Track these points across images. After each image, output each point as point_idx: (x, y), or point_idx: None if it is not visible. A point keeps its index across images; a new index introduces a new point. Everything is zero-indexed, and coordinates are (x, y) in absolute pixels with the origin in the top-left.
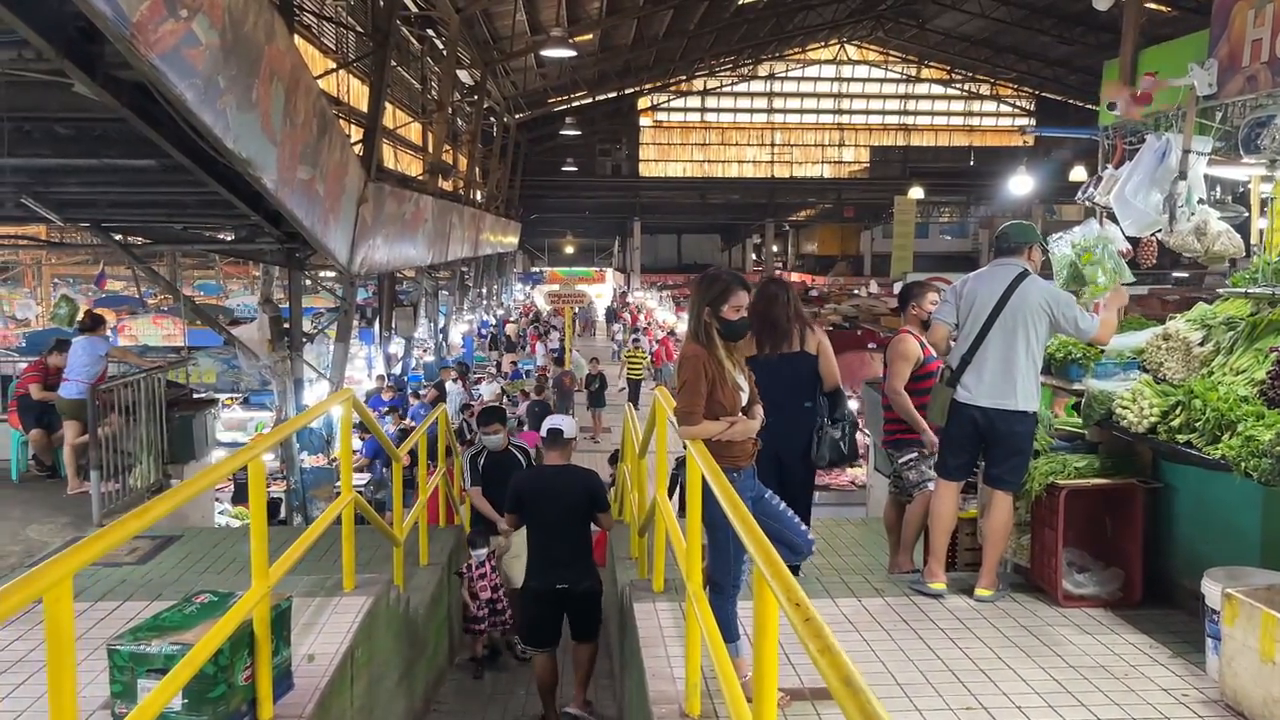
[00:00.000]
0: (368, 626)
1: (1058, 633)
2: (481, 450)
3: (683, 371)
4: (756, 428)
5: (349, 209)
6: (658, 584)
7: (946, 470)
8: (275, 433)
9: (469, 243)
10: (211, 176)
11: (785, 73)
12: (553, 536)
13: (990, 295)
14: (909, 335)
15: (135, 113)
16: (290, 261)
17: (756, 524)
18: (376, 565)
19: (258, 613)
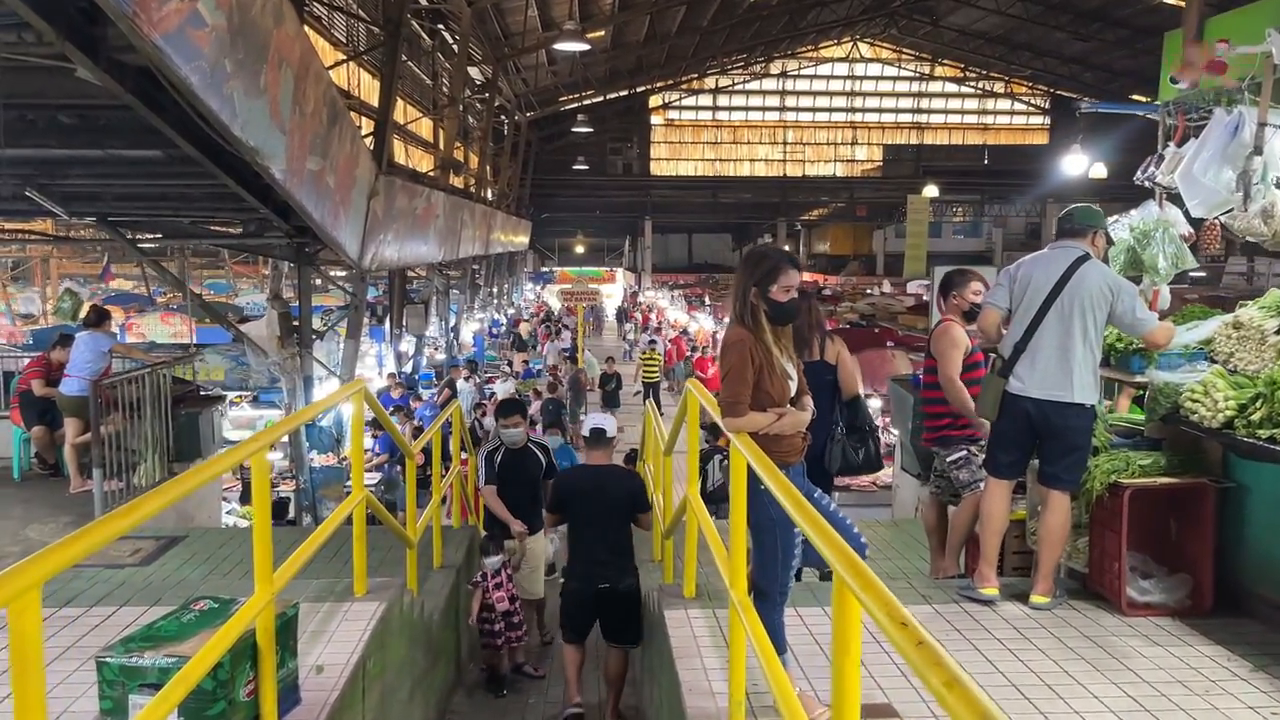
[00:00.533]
0: (380, 634)
1: (1125, 644)
2: (498, 446)
3: (727, 358)
4: (807, 419)
5: (360, 202)
6: (689, 589)
7: (997, 468)
8: (279, 426)
9: (480, 241)
10: (219, 168)
11: (797, 71)
12: (595, 536)
13: (1047, 279)
14: (953, 323)
15: (140, 100)
16: (299, 257)
17: (828, 525)
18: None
19: (261, 621)
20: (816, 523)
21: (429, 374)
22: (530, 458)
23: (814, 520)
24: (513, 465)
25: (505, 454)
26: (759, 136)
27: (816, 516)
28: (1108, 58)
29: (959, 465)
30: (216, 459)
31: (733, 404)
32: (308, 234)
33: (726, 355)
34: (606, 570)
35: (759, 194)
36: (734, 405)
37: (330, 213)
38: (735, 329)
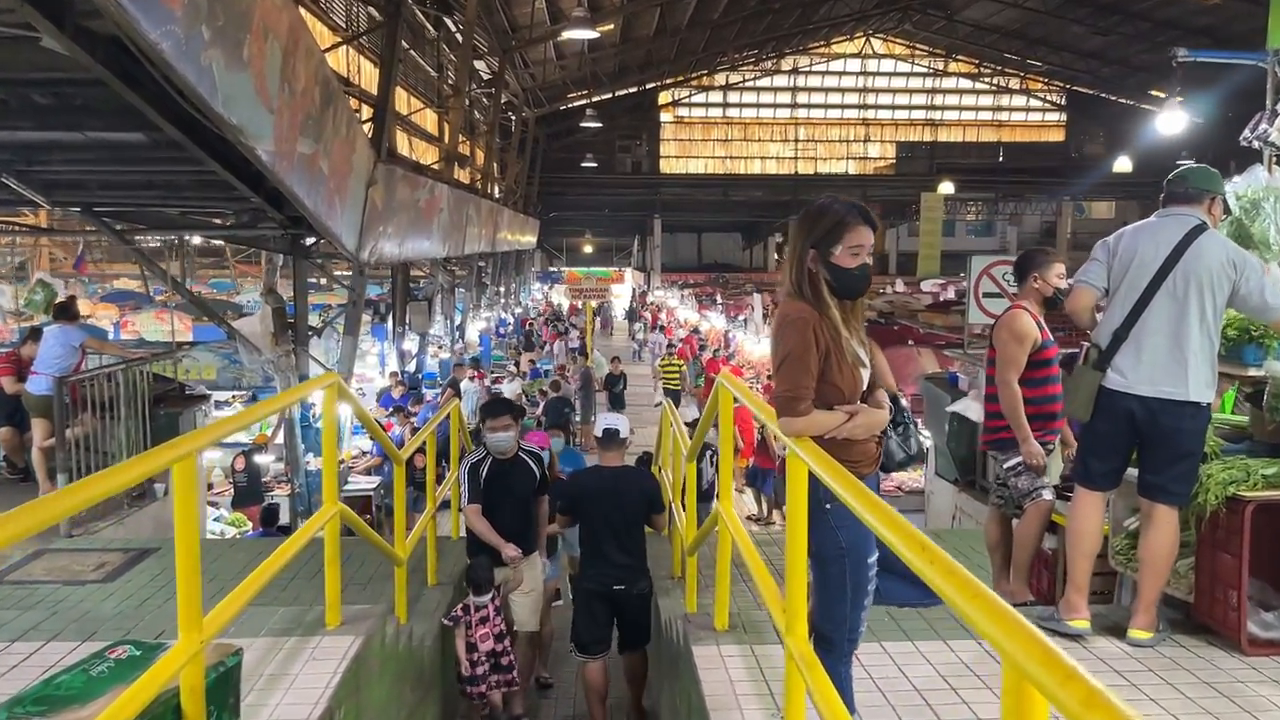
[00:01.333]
0: (354, 676)
1: (1254, 691)
2: (484, 457)
3: (783, 340)
4: (885, 420)
5: (357, 191)
6: (720, 620)
7: (1090, 477)
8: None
9: (486, 237)
10: (205, 152)
11: (809, 67)
12: (609, 538)
13: (1156, 252)
14: (1023, 311)
15: (114, 74)
16: (294, 249)
17: (946, 558)
18: (378, 586)
19: (186, 678)
20: (932, 555)
21: (432, 373)
22: (521, 469)
23: (928, 553)
24: (501, 479)
25: (492, 465)
26: (770, 134)
27: (931, 547)
28: (1126, 52)
29: (1017, 471)
30: (129, 463)
31: (792, 400)
32: (303, 225)
33: (782, 336)
34: (621, 573)
35: (770, 192)
36: (794, 402)
37: (324, 201)
38: (792, 302)
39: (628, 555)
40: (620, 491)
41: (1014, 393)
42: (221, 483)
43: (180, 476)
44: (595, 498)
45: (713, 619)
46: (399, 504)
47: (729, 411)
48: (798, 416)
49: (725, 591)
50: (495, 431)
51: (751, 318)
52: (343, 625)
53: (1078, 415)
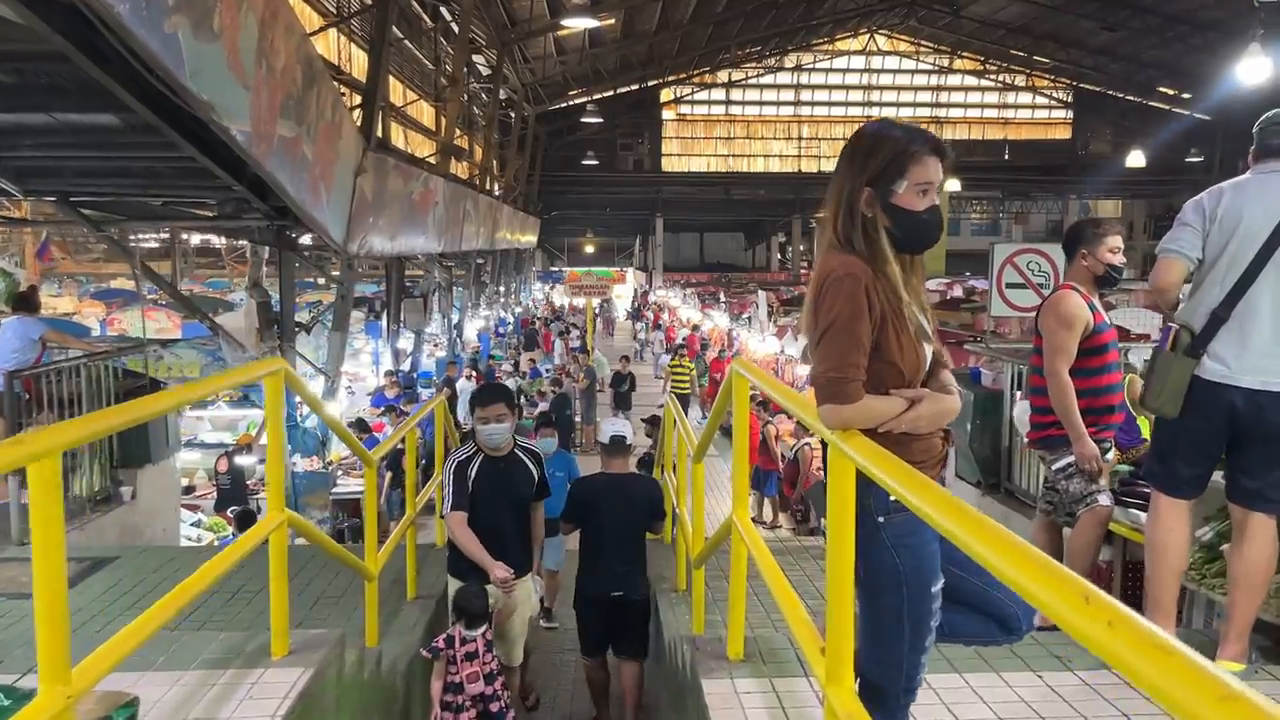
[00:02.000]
0: (301, 717)
1: None
2: (474, 454)
3: (827, 304)
4: (955, 407)
5: (344, 179)
6: (734, 647)
7: (1175, 483)
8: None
9: (485, 234)
10: (183, 136)
11: (813, 64)
12: (612, 545)
13: (1266, 216)
14: (1071, 292)
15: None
16: (280, 241)
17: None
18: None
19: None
20: (1108, 613)
21: (428, 372)
22: (518, 470)
23: (1098, 607)
24: (493, 480)
25: (483, 464)
26: (773, 132)
27: (1094, 595)
28: (1135, 48)
29: (1068, 474)
30: None
31: (839, 382)
32: (289, 216)
33: (825, 299)
34: (621, 580)
35: (773, 190)
36: (841, 384)
37: (309, 188)
38: (838, 256)
39: (628, 562)
40: (625, 498)
41: (1065, 384)
42: (205, 485)
43: (37, 481)
44: (601, 504)
45: (725, 645)
46: (369, 512)
47: (745, 404)
48: (845, 403)
49: (740, 616)
50: (487, 422)
51: (755, 315)
52: (290, 655)
53: (1164, 411)
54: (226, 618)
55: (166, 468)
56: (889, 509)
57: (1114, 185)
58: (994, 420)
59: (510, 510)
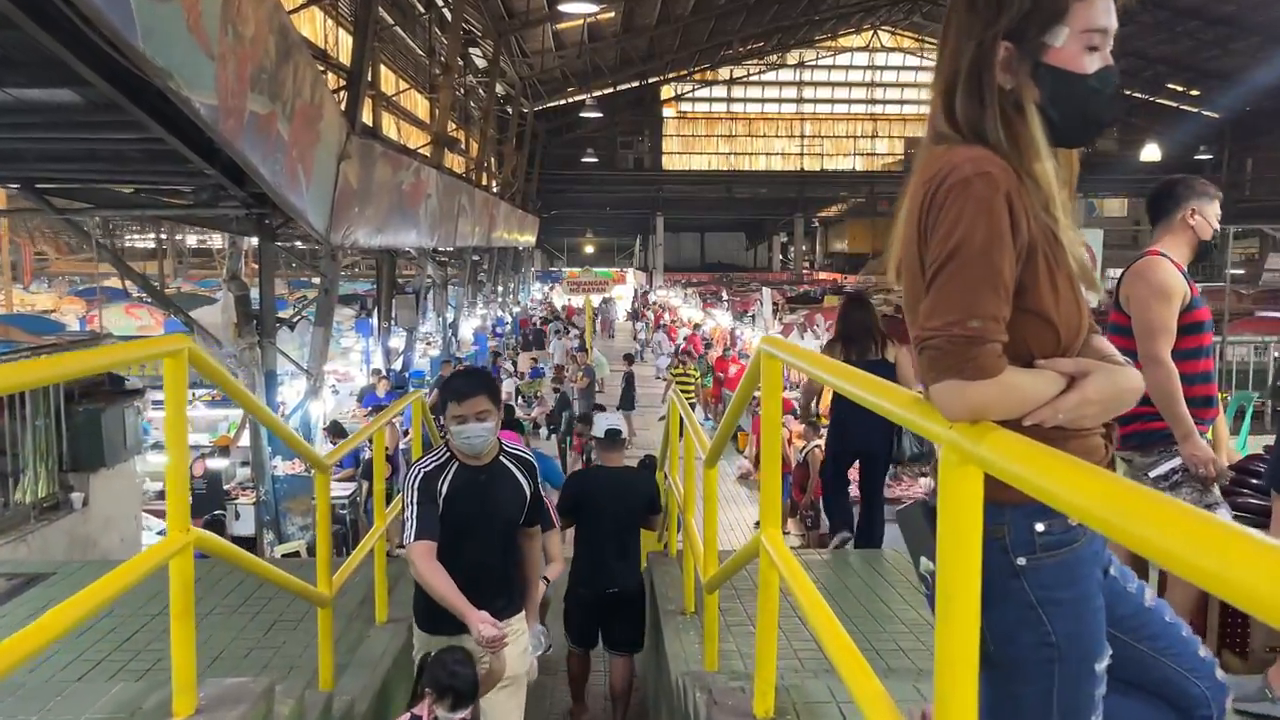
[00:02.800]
0: None
1: None
2: (446, 462)
3: (946, 219)
4: (1138, 386)
5: (326, 164)
6: (762, 704)
7: None
8: None
9: (481, 231)
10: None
11: (815, 61)
12: (607, 540)
13: None
14: (1163, 258)
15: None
16: (260, 230)
17: None
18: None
19: None
20: None
21: (420, 371)
22: (504, 483)
23: None
24: (471, 498)
25: (458, 476)
26: (775, 129)
27: None
28: (1143, 43)
29: (1174, 482)
30: None
31: (967, 344)
32: (267, 204)
33: (947, 212)
34: (615, 575)
35: (775, 189)
36: (970, 349)
37: (285, 171)
38: (962, 149)
39: (623, 558)
40: (622, 493)
41: (1168, 371)
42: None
43: None
44: (597, 499)
45: (750, 699)
46: (321, 525)
47: (777, 391)
48: (977, 377)
49: (770, 663)
50: (465, 421)
51: (759, 313)
52: (199, 713)
53: None
54: (149, 659)
55: (124, 471)
56: (1035, 546)
57: (1120, 183)
58: None
59: (495, 536)
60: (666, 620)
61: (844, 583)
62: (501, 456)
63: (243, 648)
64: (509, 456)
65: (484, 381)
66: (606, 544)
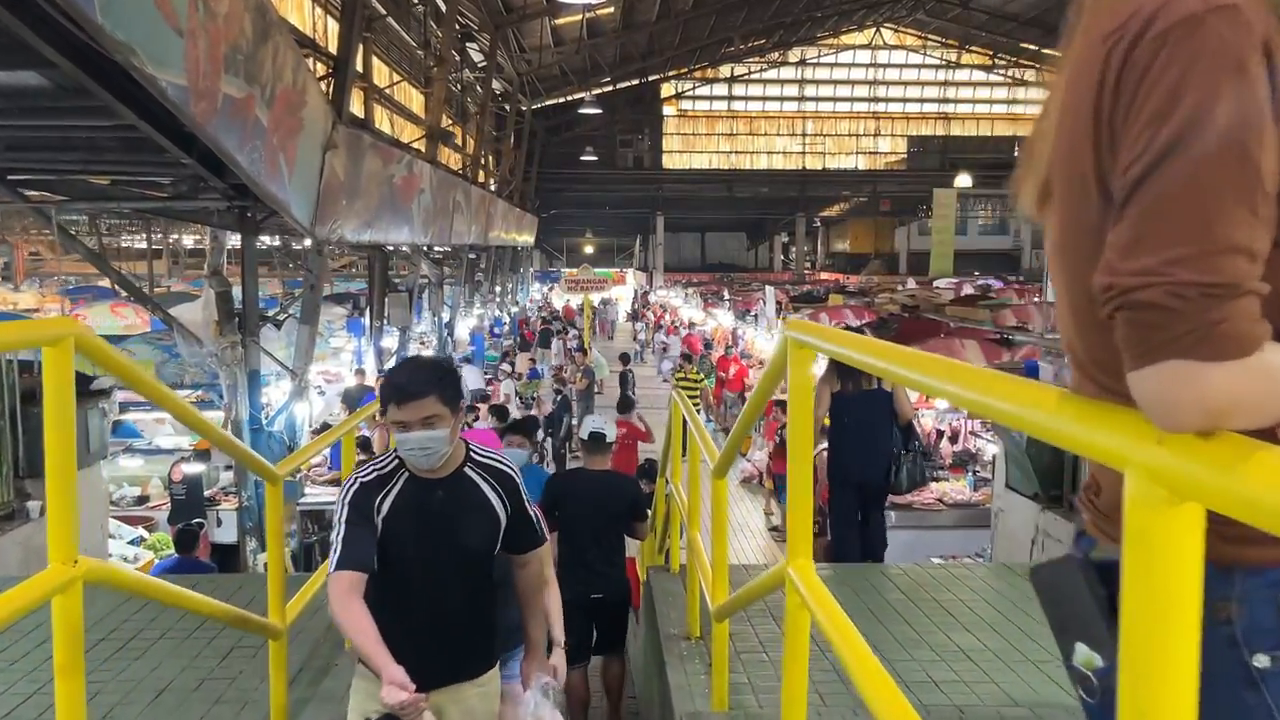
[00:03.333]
0: None
1: None
2: (393, 473)
3: (1165, 82)
4: None
5: (310, 154)
6: None
7: None
8: None
9: (478, 229)
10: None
11: (817, 58)
12: (591, 545)
13: None
14: None
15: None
16: (243, 224)
17: None
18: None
19: None
20: None
21: None
22: (468, 503)
23: None
24: (422, 520)
25: (405, 492)
26: (776, 128)
27: None
28: None
29: None
30: None
31: (1204, 298)
32: (250, 196)
33: (1169, 70)
34: (601, 581)
35: (776, 188)
36: (1213, 305)
37: (265, 160)
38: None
39: (608, 563)
40: (606, 496)
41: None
42: (160, 495)
43: None
44: (580, 502)
45: None
46: (272, 545)
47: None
48: (1226, 353)
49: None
50: (408, 429)
51: (762, 312)
52: None
53: None
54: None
55: (89, 477)
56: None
57: None
58: None
59: (454, 575)
60: (669, 646)
61: (862, 601)
62: (467, 468)
63: (193, 678)
64: (478, 467)
65: (434, 376)
66: (590, 549)
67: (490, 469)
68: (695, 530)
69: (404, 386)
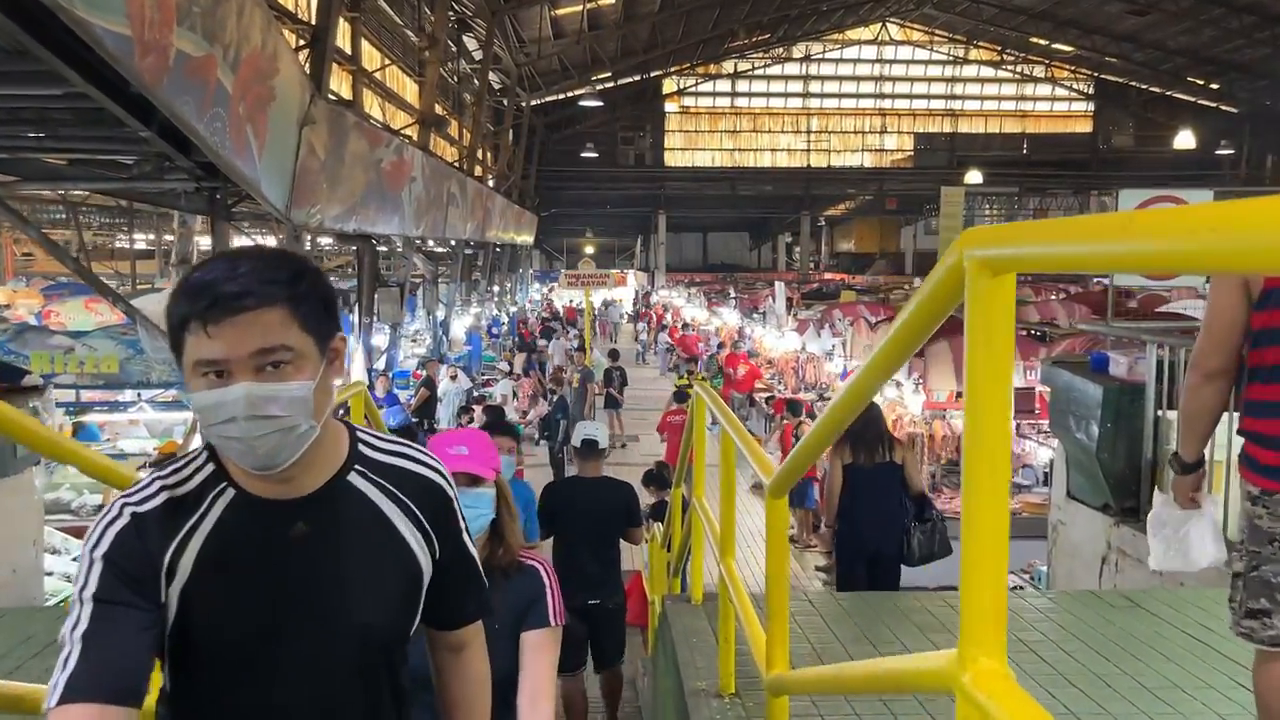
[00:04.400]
0: None
1: None
2: (204, 485)
3: None
4: None
5: (283, 128)
6: None
7: None
8: None
9: (475, 224)
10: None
11: (822, 54)
12: (587, 551)
13: None
14: None
15: None
16: (213, 208)
17: None
18: None
19: None
20: None
21: (405, 371)
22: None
23: None
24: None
25: (226, 522)
26: (781, 125)
27: None
28: (1162, 34)
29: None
30: None
31: None
32: (220, 176)
33: None
34: (597, 588)
35: (781, 186)
36: None
37: (229, 130)
38: None
39: (603, 570)
40: (600, 503)
41: None
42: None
43: None
44: (575, 509)
45: None
46: None
47: (1001, 328)
48: None
49: None
50: (227, 377)
51: (772, 309)
52: None
53: None
54: None
55: (19, 485)
56: None
57: (1138, 182)
58: (1132, 422)
59: (329, 676)
60: (696, 705)
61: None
62: (353, 474)
63: None
64: (374, 472)
65: (277, 273)
66: (584, 556)
67: (398, 474)
68: (729, 559)
69: (214, 286)
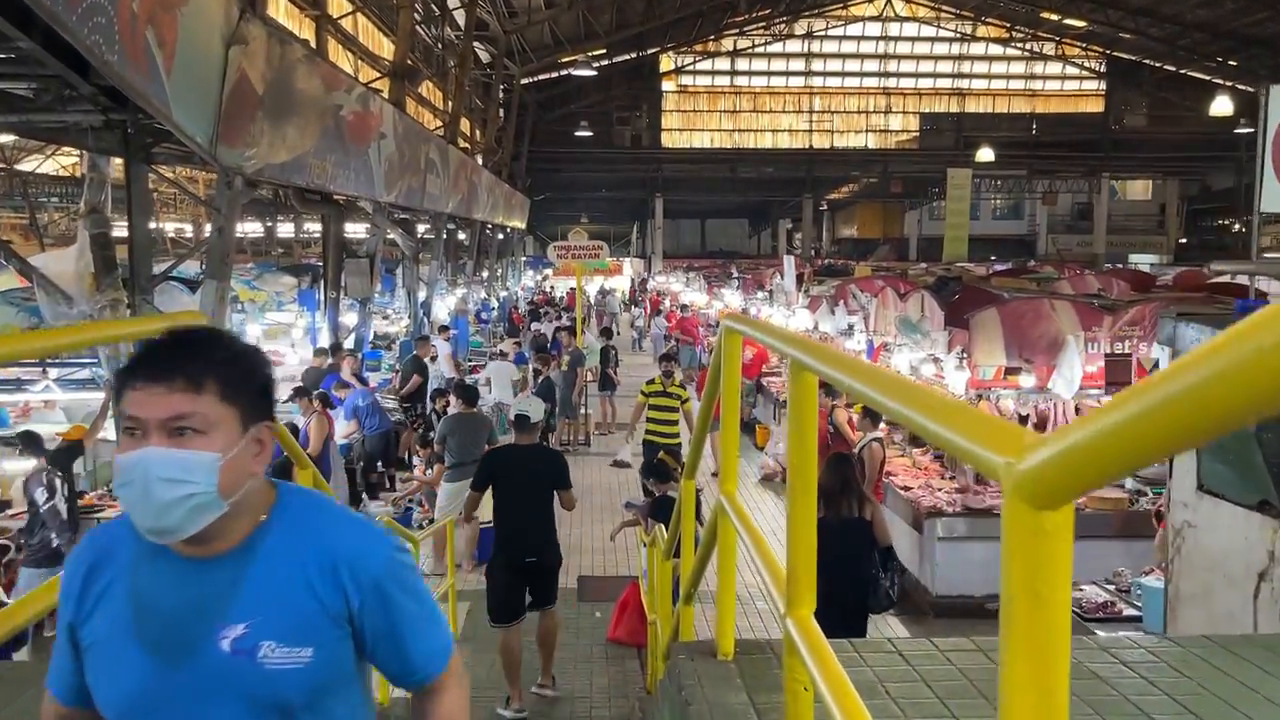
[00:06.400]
0: None
1: None
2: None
3: None
4: None
5: (200, 42)
6: None
7: None
8: None
9: (458, 196)
10: None
11: (825, 31)
12: (524, 511)
13: None
14: None
15: None
16: (126, 146)
17: None
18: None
19: None
20: None
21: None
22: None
23: None
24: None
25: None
26: (782, 105)
27: None
28: (1180, 6)
29: None
30: None
31: None
32: (134, 108)
33: None
34: (534, 547)
35: (782, 168)
36: None
37: (120, 33)
38: None
39: (540, 530)
40: (532, 467)
41: None
42: (21, 501)
43: None
44: (512, 472)
45: None
46: None
47: None
48: None
49: None
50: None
51: (780, 287)
52: None
53: None
54: None
55: None
56: None
57: (1144, 163)
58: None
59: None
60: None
61: None
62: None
63: None
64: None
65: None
66: (523, 516)
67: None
68: (805, 612)
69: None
